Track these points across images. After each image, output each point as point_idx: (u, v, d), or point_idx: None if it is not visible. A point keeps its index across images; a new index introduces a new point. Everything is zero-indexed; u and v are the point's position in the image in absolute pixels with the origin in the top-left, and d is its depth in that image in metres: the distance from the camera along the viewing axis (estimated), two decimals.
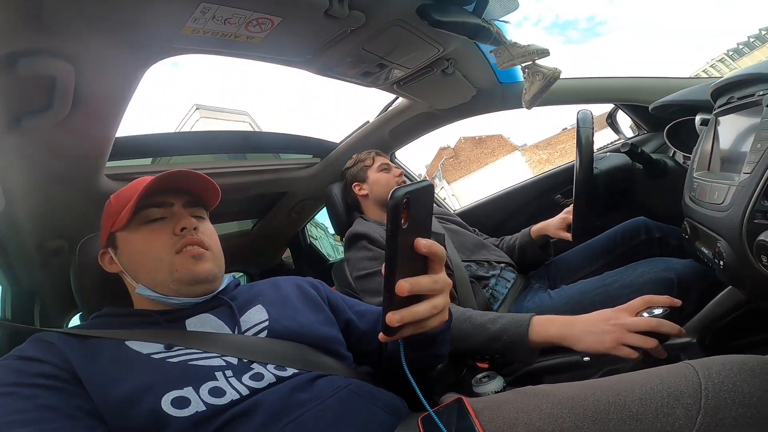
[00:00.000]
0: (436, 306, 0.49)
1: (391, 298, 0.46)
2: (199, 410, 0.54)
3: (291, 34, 0.80)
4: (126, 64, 0.74)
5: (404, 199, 0.42)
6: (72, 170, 0.98)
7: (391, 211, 0.42)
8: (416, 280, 0.47)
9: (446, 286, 0.51)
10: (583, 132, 0.95)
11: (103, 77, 0.74)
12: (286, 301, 0.78)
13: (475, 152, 26.42)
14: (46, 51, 0.64)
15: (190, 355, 0.61)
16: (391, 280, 0.45)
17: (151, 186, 0.69)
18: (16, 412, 0.49)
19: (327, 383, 0.63)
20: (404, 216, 0.43)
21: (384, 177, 1.35)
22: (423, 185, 0.46)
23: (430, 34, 0.95)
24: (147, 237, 0.70)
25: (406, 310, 0.47)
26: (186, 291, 0.69)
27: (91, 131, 0.87)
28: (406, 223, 0.44)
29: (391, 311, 0.46)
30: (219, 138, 1.42)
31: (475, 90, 1.38)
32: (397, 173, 1.37)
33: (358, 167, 1.40)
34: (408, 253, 0.46)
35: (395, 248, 0.44)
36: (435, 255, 0.48)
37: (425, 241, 0.47)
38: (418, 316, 0.48)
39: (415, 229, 0.47)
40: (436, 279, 0.49)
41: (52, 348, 0.59)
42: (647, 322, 0.69)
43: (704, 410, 0.43)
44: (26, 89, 0.69)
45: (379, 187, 1.34)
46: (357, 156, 1.43)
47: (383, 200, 1.33)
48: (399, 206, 0.42)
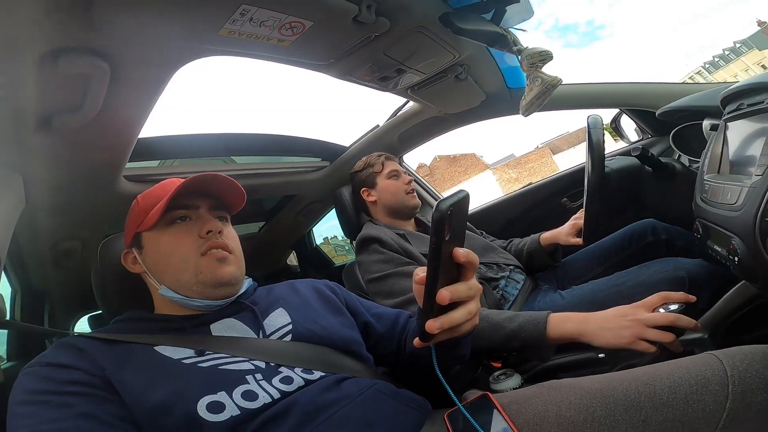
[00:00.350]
0: (471, 311, 0.51)
1: (432, 306, 0.48)
2: (233, 414, 0.54)
3: (319, 38, 0.82)
4: (159, 64, 0.75)
5: (448, 212, 0.44)
6: (94, 171, 0.98)
7: (436, 224, 0.44)
8: (455, 288, 0.49)
9: (478, 291, 0.53)
10: (594, 134, 0.98)
11: (135, 77, 0.75)
12: (306, 304, 0.79)
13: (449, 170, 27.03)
14: (89, 49, 0.65)
15: (220, 359, 0.62)
16: (433, 290, 0.47)
17: (182, 188, 0.69)
18: (50, 422, 0.49)
19: (353, 384, 0.64)
20: (447, 228, 0.45)
21: (393, 184, 1.35)
22: (462, 196, 0.47)
23: (448, 41, 0.98)
24: (173, 238, 0.70)
25: (445, 317, 0.49)
26: (209, 293, 0.69)
27: (116, 132, 0.88)
28: (448, 234, 0.45)
29: (432, 319, 0.48)
30: (229, 140, 1.42)
31: (484, 95, 1.41)
32: (406, 180, 1.36)
33: (367, 173, 1.39)
34: (447, 261, 0.48)
35: (439, 259, 0.46)
36: (471, 264, 0.50)
37: (463, 250, 0.49)
38: (456, 322, 0.50)
39: (455, 238, 0.49)
40: (471, 285, 0.51)
41: (83, 354, 0.59)
42: (665, 317, 0.71)
43: (732, 396, 0.46)
44: (62, 87, 0.70)
45: (388, 194, 1.35)
46: (366, 159, 1.42)
47: (392, 207, 1.34)
48: (444, 219, 0.44)
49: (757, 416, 0.44)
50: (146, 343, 0.63)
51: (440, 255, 0.45)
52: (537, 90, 0.99)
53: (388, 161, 1.40)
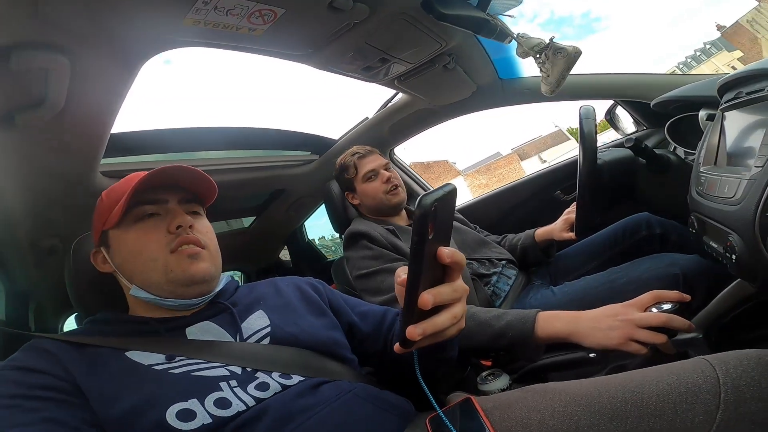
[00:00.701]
0: (456, 315, 0.47)
1: (413, 310, 0.43)
2: (205, 423, 0.52)
3: (293, 26, 0.78)
4: (124, 57, 0.72)
5: (432, 208, 0.39)
6: (66, 167, 0.95)
7: (419, 222, 0.39)
8: (438, 291, 0.45)
9: (465, 293, 0.49)
10: (585, 125, 0.95)
11: (99, 71, 0.72)
12: (288, 305, 0.76)
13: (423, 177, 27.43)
14: (41, 44, 0.62)
15: (193, 365, 0.59)
16: (414, 293, 0.42)
17: (145, 182, 0.66)
18: (18, 426, 0.47)
19: (332, 388, 0.62)
20: (431, 226, 0.40)
21: (371, 187, 1.29)
22: (447, 190, 0.42)
23: (433, 28, 0.94)
24: (140, 235, 0.67)
25: (427, 323, 0.45)
26: (181, 292, 0.66)
27: (87, 127, 0.85)
28: (432, 233, 0.41)
29: (412, 324, 0.44)
30: (215, 134, 1.39)
31: (475, 86, 1.37)
32: (385, 178, 1.29)
33: (344, 177, 1.34)
34: (431, 262, 0.44)
35: (421, 260, 0.41)
36: (457, 264, 0.46)
37: (448, 249, 0.45)
38: (439, 328, 0.45)
39: (440, 237, 0.44)
40: (456, 287, 0.47)
41: (52, 357, 0.57)
42: (658, 318, 0.68)
43: (724, 405, 0.43)
44: (20, 84, 0.67)
45: (368, 199, 1.31)
46: (341, 161, 1.36)
47: (374, 209, 1.31)
48: (427, 216, 0.39)
49: (749, 428, 0.41)
50: (117, 348, 0.60)
51: (422, 255, 0.41)
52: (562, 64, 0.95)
53: (361, 161, 1.32)
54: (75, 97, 0.74)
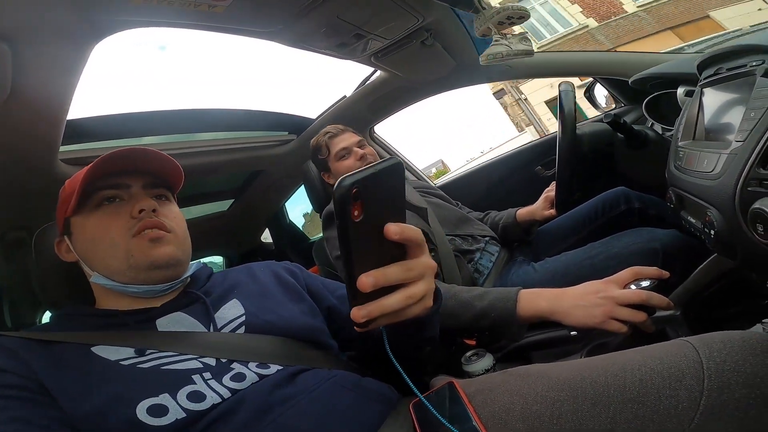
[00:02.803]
0: (412, 295, 0.44)
1: (354, 292, 0.41)
2: (179, 417, 0.51)
3: (258, 1, 0.73)
4: (70, 41, 0.67)
5: (353, 190, 0.37)
6: (23, 155, 0.91)
7: (338, 205, 0.37)
8: (383, 272, 0.42)
9: (426, 270, 0.46)
10: (565, 103, 0.95)
11: (46, 56, 0.67)
12: (264, 292, 0.74)
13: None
14: None
15: (163, 359, 0.57)
16: (351, 276, 0.40)
17: (104, 166, 0.62)
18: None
19: (311, 377, 0.61)
20: (357, 207, 0.38)
21: (343, 166, 1.26)
22: (382, 167, 0.40)
23: (409, 2, 0.90)
24: (101, 221, 0.63)
25: (373, 304, 0.42)
26: (144, 277, 0.63)
27: (40, 114, 0.80)
28: (360, 215, 0.39)
29: (357, 306, 0.42)
30: (188, 116, 1.34)
31: (454, 63, 1.34)
32: (358, 155, 1.26)
33: (318, 158, 1.31)
34: (371, 241, 0.41)
35: (347, 242, 0.39)
36: (410, 240, 0.43)
37: (395, 226, 0.42)
38: (389, 309, 0.43)
39: (381, 216, 0.42)
40: (411, 266, 0.44)
41: (14, 356, 0.54)
42: (637, 295, 0.68)
43: (708, 392, 0.42)
44: None
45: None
46: (314, 142, 1.32)
47: None
48: (344, 198, 0.37)
49: (734, 414, 0.41)
50: (83, 343, 0.58)
51: (348, 237, 0.39)
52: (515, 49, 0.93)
53: (333, 140, 1.28)
54: (22, 85, 0.69)
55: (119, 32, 0.69)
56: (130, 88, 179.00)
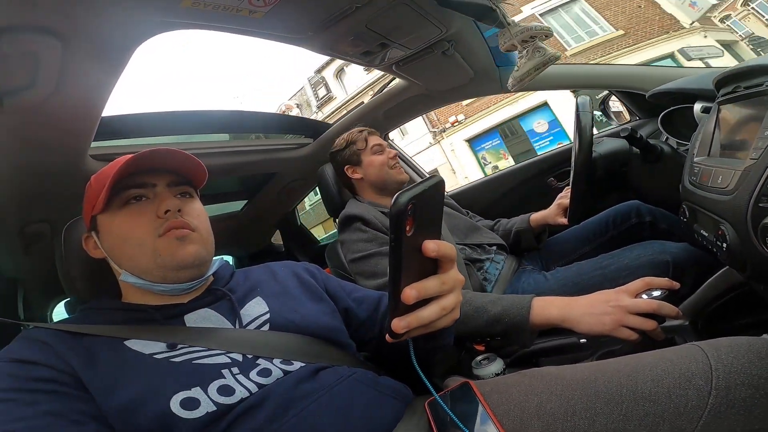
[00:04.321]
0: (445, 307, 0.47)
1: (397, 304, 0.43)
2: (209, 410, 0.52)
3: (295, 8, 0.77)
4: (118, 39, 0.69)
5: (408, 206, 0.38)
6: (56, 151, 0.93)
7: (394, 220, 0.38)
8: (423, 285, 0.44)
9: (457, 284, 0.48)
10: (582, 117, 0.96)
11: (92, 54, 0.69)
12: (286, 291, 0.76)
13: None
14: (32, 26, 0.59)
15: (194, 353, 0.59)
16: (397, 289, 0.42)
17: (131, 165, 0.64)
18: (17, 420, 0.47)
19: (332, 374, 0.63)
20: (409, 223, 0.39)
21: (378, 159, 1.30)
22: (430, 184, 0.41)
23: (434, 14, 0.93)
24: (128, 220, 0.65)
25: (412, 316, 0.44)
26: (172, 276, 0.65)
27: (77, 110, 0.82)
28: (411, 229, 0.40)
29: (397, 317, 0.44)
30: (209, 117, 1.37)
31: (472, 73, 1.37)
32: (391, 154, 1.32)
33: (351, 150, 1.34)
34: (415, 256, 0.43)
35: (400, 257, 0.40)
36: (445, 257, 0.46)
37: (433, 243, 0.44)
38: (426, 321, 0.45)
39: (423, 232, 0.43)
40: (445, 279, 0.46)
41: (48, 348, 0.56)
42: (648, 304, 0.70)
43: (716, 391, 0.45)
44: (9, 66, 0.64)
45: (374, 169, 1.30)
46: (348, 136, 1.36)
47: (378, 183, 1.30)
48: (403, 215, 0.38)
49: (739, 413, 0.43)
50: (115, 337, 0.59)
51: (401, 253, 0.40)
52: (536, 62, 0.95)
53: (371, 136, 1.34)
54: (66, 81, 0.72)
55: (162, 33, 0.72)
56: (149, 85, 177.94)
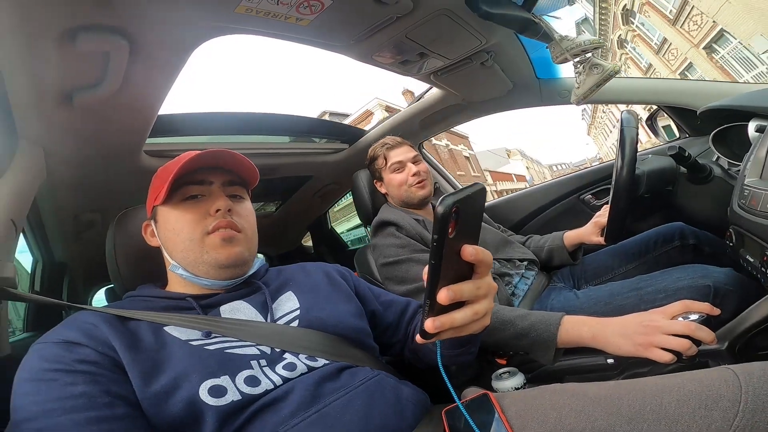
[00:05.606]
0: (478, 312, 0.47)
1: (433, 304, 0.44)
2: (234, 399, 0.54)
3: (339, 17, 0.80)
4: (177, 42, 0.74)
5: (453, 209, 0.40)
6: (115, 145, 1.00)
7: (439, 222, 0.40)
8: (459, 287, 0.45)
9: (491, 290, 0.49)
10: (627, 132, 0.92)
11: (154, 55, 0.75)
12: (317, 289, 0.78)
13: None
14: (106, 27, 0.65)
15: (227, 343, 0.62)
16: (434, 288, 0.44)
17: (192, 164, 0.69)
18: (55, 400, 0.49)
19: (355, 374, 0.64)
20: (452, 225, 0.41)
21: (397, 178, 1.30)
22: (473, 191, 0.43)
23: (474, 26, 0.93)
24: (182, 215, 0.69)
25: (446, 317, 0.45)
26: (215, 274, 0.69)
27: (137, 108, 0.89)
28: (453, 232, 0.42)
29: (431, 317, 0.45)
30: (249, 119, 1.42)
31: (511, 84, 1.36)
32: (412, 171, 1.29)
33: (374, 167, 1.36)
34: (453, 259, 0.45)
35: (440, 258, 0.42)
36: (482, 262, 0.46)
37: (472, 248, 0.45)
38: (458, 323, 0.46)
39: (463, 236, 0.45)
40: (480, 285, 0.47)
41: (95, 330, 0.59)
42: (685, 326, 0.66)
43: (742, 414, 0.43)
44: (81, 64, 0.70)
45: (393, 188, 1.31)
46: (372, 152, 1.37)
47: (401, 201, 1.31)
48: (447, 216, 0.40)
49: None
50: (156, 322, 0.63)
51: (441, 253, 0.42)
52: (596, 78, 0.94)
53: (390, 152, 1.32)
54: (129, 80, 0.77)
55: (217, 37, 0.76)
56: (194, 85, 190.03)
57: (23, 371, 0.53)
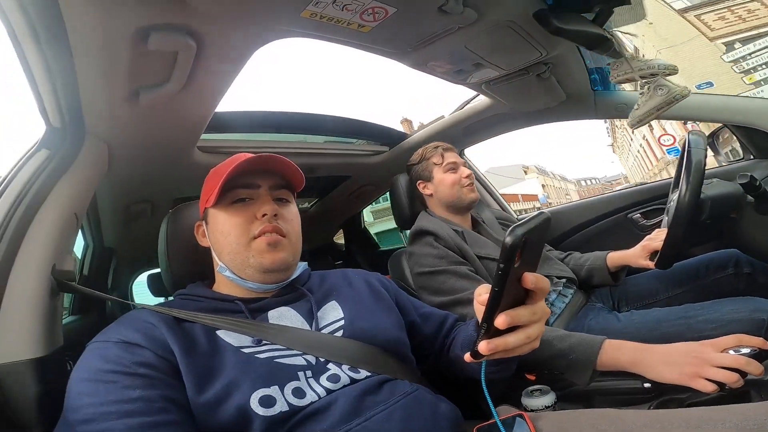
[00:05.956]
0: (530, 336, 0.49)
1: (489, 327, 0.46)
2: (282, 410, 0.55)
3: (401, 25, 0.79)
4: (241, 43, 0.75)
5: (522, 239, 0.41)
6: (172, 141, 1.03)
7: (507, 252, 0.41)
8: (516, 313, 0.47)
9: (544, 315, 0.50)
10: (694, 155, 0.88)
11: (217, 55, 0.76)
12: (360, 300, 0.78)
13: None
14: (177, 27, 0.66)
15: (276, 351, 0.62)
16: (493, 313, 0.46)
17: (242, 167, 0.70)
18: (113, 403, 0.50)
19: (394, 388, 0.64)
20: (518, 254, 0.42)
21: (450, 178, 1.27)
22: (540, 221, 0.44)
23: (537, 38, 0.91)
24: (230, 218, 0.71)
25: (500, 340, 0.47)
26: (260, 277, 0.70)
27: (197, 106, 0.91)
28: (519, 261, 0.43)
29: (486, 340, 0.47)
30: (296, 119, 1.44)
31: (564, 96, 1.31)
32: (465, 173, 1.28)
33: (423, 165, 1.33)
34: (514, 285, 0.46)
35: (503, 286, 0.43)
36: (540, 290, 0.48)
37: (533, 276, 0.47)
38: (511, 346, 0.48)
39: (526, 264, 0.46)
40: (535, 310, 0.49)
41: (155, 331, 0.60)
42: (735, 359, 0.65)
43: None
44: (151, 63, 0.72)
45: (444, 188, 1.28)
46: (423, 151, 1.35)
47: (448, 201, 1.29)
48: (516, 247, 0.41)
49: None
50: (210, 326, 0.64)
51: (505, 281, 0.43)
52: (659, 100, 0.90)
53: (446, 152, 1.31)
54: (192, 79, 0.79)
55: (280, 39, 0.77)
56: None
57: (81, 370, 0.55)
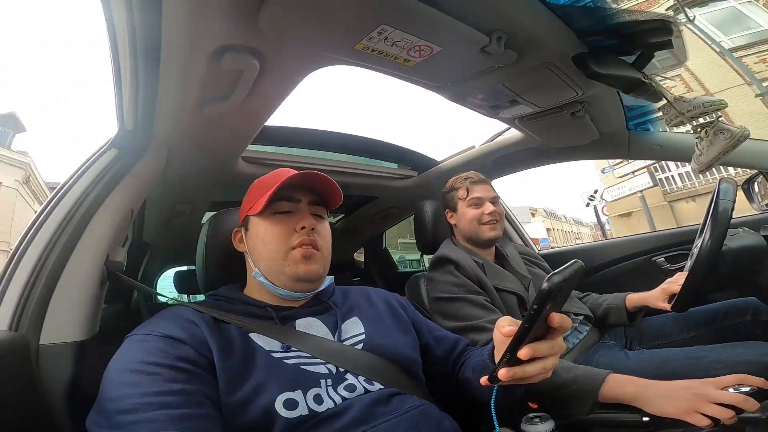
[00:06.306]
0: (546, 367, 0.55)
1: (512, 357, 0.51)
2: (303, 414, 0.59)
3: (443, 63, 0.84)
4: (297, 67, 0.82)
5: (559, 287, 0.46)
6: (220, 150, 1.10)
7: (544, 296, 0.46)
8: (537, 346, 0.52)
9: (560, 350, 0.56)
10: (722, 204, 0.88)
11: (275, 75, 0.83)
12: (380, 319, 0.83)
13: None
14: (248, 49, 0.72)
15: (302, 358, 0.67)
16: (518, 346, 0.51)
17: (289, 182, 0.75)
18: (156, 394, 0.53)
19: (403, 401, 0.68)
20: (552, 298, 0.47)
21: (471, 213, 1.30)
22: (574, 270, 0.49)
23: (574, 78, 0.94)
24: (272, 228, 0.76)
25: (519, 369, 0.53)
26: (291, 285, 0.75)
27: (249, 119, 0.98)
28: (550, 303, 0.47)
29: (506, 368, 0.52)
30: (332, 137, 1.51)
31: (598, 134, 1.33)
32: (488, 210, 1.28)
33: (451, 195, 1.37)
34: (541, 322, 0.50)
35: (532, 323, 0.48)
36: (563, 329, 0.54)
37: (559, 316, 0.52)
38: (528, 375, 0.53)
39: (555, 306, 0.51)
40: (554, 345, 0.55)
41: (195, 329, 0.64)
42: (732, 396, 0.68)
43: None
44: (219, 79, 0.79)
45: (465, 222, 1.31)
46: (453, 182, 1.38)
47: (467, 235, 1.31)
48: (552, 293, 0.46)
49: None
50: (244, 329, 0.68)
51: (536, 320, 0.48)
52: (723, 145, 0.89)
53: (474, 186, 1.33)
54: (251, 95, 0.85)
55: (330, 66, 0.83)
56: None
57: (123, 360, 0.58)
